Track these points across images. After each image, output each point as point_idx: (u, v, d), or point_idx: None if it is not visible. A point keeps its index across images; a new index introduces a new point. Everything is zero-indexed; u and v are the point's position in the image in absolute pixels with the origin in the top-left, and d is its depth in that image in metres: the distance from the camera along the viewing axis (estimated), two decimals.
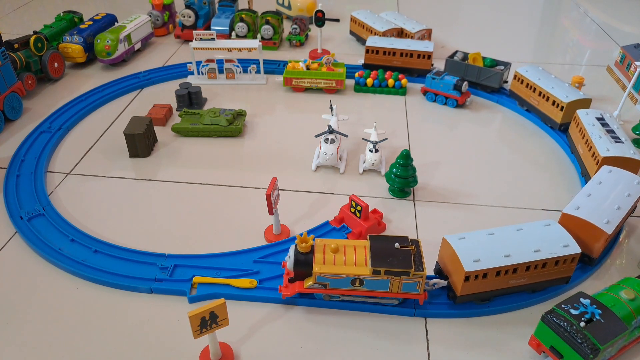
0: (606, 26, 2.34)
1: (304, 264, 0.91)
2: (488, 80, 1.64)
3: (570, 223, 1.01)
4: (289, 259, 0.92)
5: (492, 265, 0.89)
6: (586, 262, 1.03)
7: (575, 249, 0.93)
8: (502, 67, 1.65)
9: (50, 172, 1.33)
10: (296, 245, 0.92)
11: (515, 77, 1.60)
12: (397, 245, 0.90)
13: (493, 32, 2.25)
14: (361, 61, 1.82)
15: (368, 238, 0.92)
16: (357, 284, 0.90)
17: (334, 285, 0.91)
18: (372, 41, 1.76)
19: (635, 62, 1.68)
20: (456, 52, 1.74)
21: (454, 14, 2.49)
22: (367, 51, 1.76)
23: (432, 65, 1.78)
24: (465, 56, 1.71)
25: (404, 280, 0.89)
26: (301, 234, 0.92)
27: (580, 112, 1.35)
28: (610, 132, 1.26)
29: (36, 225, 1.13)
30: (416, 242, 0.92)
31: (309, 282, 0.92)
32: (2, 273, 1.04)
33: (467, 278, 0.89)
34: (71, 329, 0.92)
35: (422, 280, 0.89)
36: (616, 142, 1.22)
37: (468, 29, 2.30)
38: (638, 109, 1.64)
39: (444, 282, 0.96)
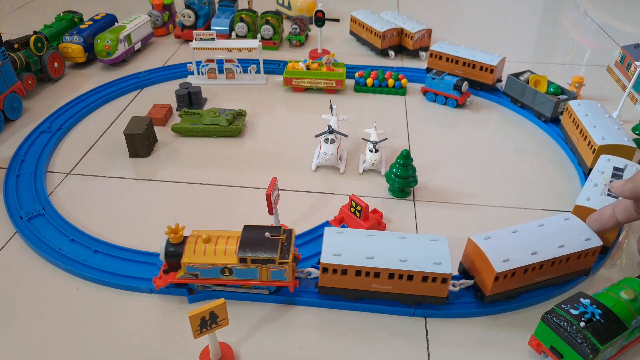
0: (606, 26, 2.34)
1: (174, 255, 0.92)
2: (541, 107, 1.50)
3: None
4: (161, 251, 0.93)
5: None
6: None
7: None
8: (564, 97, 1.47)
9: (50, 172, 1.33)
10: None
11: (566, 109, 1.43)
12: (267, 234, 0.91)
13: (493, 32, 2.25)
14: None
15: (242, 228, 0.94)
16: (227, 273, 0.92)
17: (204, 275, 0.92)
18: (438, 46, 1.70)
19: (635, 62, 1.68)
20: (526, 71, 1.61)
21: (454, 14, 2.49)
22: (430, 55, 1.72)
23: (497, 81, 1.67)
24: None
25: (271, 269, 0.90)
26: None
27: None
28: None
29: (36, 225, 1.13)
30: (289, 232, 0.94)
31: (180, 273, 0.93)
32: (2, 273, 1.04)
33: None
34: (71, 329, 0.92)
35: (289, 268, 0.90)
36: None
37: (468, 29, 2.30)
38: (638, 109, 1.64)
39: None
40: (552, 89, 1.50)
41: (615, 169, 1.12)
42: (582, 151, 1.30)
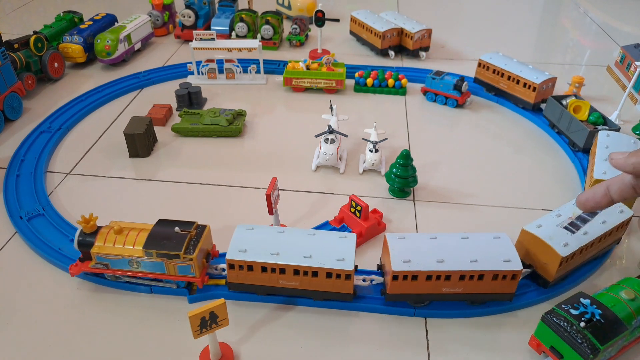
0: (606, 26, 2.34)
1: (85, 245, 0.94)
2: (575, 135, 1.38)
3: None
4: (74, 240, 0.94)
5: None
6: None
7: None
8: (604, 128, 1.32)
9: (50, 172, 1.33)
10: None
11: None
12: (176, 229, 0.93)
13: (493, 32, 2.25)
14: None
15: (156, 221, 0.96)
16: (135, 265, 0.93)
17: (114, 265, 0.94)
18: (488, 57, 1.62)
19: (635, 62, 1.68)
20: (572, 95, 1.46)
21: (454, 14, 2.49)
22: (478, 64, 1.65)
23: (539, 102, 1.54)
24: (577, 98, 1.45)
25: (177, 263, 0.91)
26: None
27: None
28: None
29: (36, 225, 1.13)
30: (202, 228, 0.95)
31: (92, 263, 0.95)
32: (2, 273, 1.04)
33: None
34: (71, 329, 0.92)
35: (194, 264, 0.91)
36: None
37: (468, 29, 2.30)
38: (638, 109, 1.64)
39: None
40: (592, 118, 1.37)
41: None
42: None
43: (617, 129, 1.32)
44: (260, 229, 0.97)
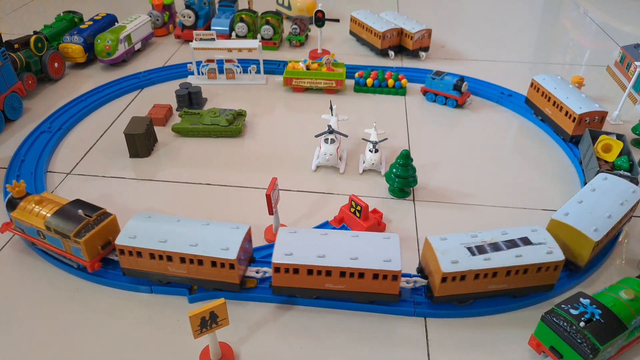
0: (606, 26, 2.34)
1: (10, 206, 1.03)
2: (588, 172, 1.25)
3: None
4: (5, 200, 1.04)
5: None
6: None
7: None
8: (627, 175, 1.17)
9: (50, 172, 1.33)
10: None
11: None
12: (80, 211, 0.98)
13: (493, 32, 2.25)
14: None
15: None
16: (41, 237, 1.00)
17: (28, 232, 1.02)
18: (540, 78, 1.52)
19: (635, 62, 1.68)
20: (613, 133, 1.29)
21: (454, 14, 2.49)
22: (531, 84, 1.54)
23: (579, 134, 1.38)
24: (621, 138, 1.28)
25: (71, 243, 0.95)
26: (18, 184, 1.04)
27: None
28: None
29: None
30: (105, 216, 0.99)
31: (12, 225, 1.04)
32: (2, 273, 1.04)
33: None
34: (71, 329, 0.92)
35: (82, 247, 0.94)
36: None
37: (468, 29, 2.30)
38: (638, 109, 1.64)
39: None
40: (620, 162, 1.22)
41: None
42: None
43: (635, 179, 1.17)
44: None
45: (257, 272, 0.99)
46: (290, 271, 0.91)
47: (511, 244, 0.93)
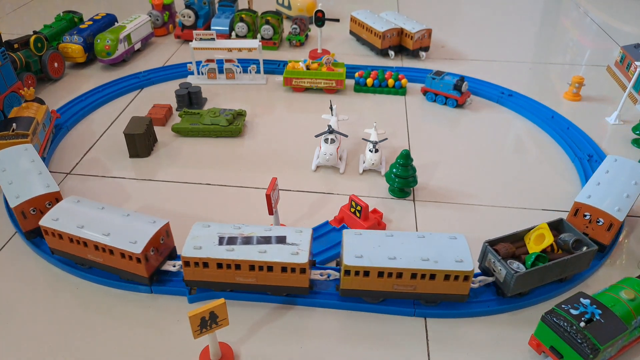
0: (606, 26, 2.34)
1: None
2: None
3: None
4: None
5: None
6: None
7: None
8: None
9: (50, 172, 1.33)
10: None
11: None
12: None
13: (493, 32, 2.25)
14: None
15: None
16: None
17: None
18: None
19: (635, 62, 1.68)
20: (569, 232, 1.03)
21: (454, 14, 2.49)
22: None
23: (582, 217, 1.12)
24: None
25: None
26: None
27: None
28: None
29: None
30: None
31: None
32: (2, 273, 1.04)
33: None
34: (71, 329, 0.92)
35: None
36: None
37: (468, 29, 2.30)
38: (638, 109, 1.64)
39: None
40: (531, 259, 0.93)
41: None
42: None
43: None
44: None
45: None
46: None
47: (264, 240, 0.92)
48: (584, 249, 0.97)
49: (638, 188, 1.09)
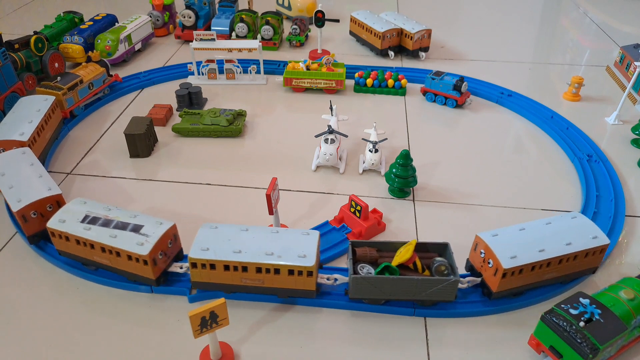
0: (606, 26, 2.34)
1: None
2: None
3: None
4: None
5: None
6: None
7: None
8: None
9: (50, 172, 1.33)
10: None
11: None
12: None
13: (493, 32, 2.25)
14: None
15: None
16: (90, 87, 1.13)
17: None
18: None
19: (635, 62, 1.68)
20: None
21: (454, 14, 2.49)
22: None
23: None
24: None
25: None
26: None
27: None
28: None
29: None
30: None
31: None
32: (2, 273, 1.04)
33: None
34: (71, 329, 0.92)
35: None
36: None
37: (468, 29, 2.30)
38: (637, 109, 1.64)
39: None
40: (379, 268, 0.92)
41: None
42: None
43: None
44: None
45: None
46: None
47: (122, 225, 0.95)
48: (451, 277, 0.90)
49: (564, 249, 0.94)
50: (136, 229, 0.94)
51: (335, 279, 0.96)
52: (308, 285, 0.92)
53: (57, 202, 1.05)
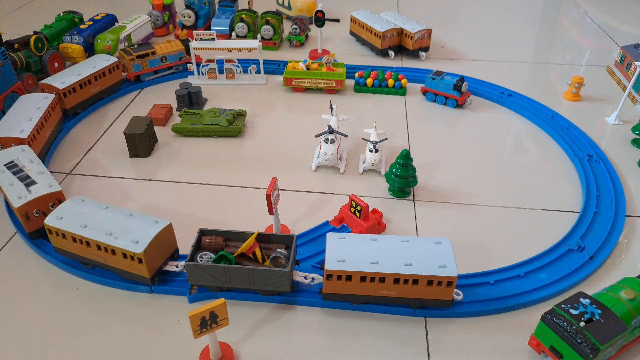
0: (606, 26, 2.34)
1: None
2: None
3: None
4: None
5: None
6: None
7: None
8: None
9: (50, 172, 1.33)
10: None
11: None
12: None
13: (493, 32, 2.25)
14: None
15: None
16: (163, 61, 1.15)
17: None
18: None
19: (635, 62, 1.68)
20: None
21: (454, 14, 2.49)
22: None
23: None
24: None
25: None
26: None
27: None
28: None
29: None
30: None
31: None
32: (2, 273, 1.04)
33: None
34: (71, 329, 0.92)
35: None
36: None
37: (468, 29, 2.30)
38: (638, 109, 1.64)
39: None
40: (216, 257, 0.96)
41: None
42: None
43: None
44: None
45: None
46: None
47: (26, 176, 1.03)
48: (282, 269, 0.91)
49: (401, 268, 0.90)
50: (30, 183, 1.05)
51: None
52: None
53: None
